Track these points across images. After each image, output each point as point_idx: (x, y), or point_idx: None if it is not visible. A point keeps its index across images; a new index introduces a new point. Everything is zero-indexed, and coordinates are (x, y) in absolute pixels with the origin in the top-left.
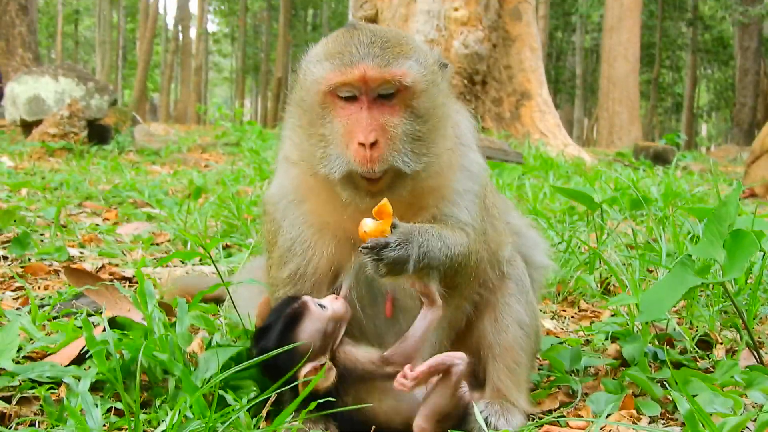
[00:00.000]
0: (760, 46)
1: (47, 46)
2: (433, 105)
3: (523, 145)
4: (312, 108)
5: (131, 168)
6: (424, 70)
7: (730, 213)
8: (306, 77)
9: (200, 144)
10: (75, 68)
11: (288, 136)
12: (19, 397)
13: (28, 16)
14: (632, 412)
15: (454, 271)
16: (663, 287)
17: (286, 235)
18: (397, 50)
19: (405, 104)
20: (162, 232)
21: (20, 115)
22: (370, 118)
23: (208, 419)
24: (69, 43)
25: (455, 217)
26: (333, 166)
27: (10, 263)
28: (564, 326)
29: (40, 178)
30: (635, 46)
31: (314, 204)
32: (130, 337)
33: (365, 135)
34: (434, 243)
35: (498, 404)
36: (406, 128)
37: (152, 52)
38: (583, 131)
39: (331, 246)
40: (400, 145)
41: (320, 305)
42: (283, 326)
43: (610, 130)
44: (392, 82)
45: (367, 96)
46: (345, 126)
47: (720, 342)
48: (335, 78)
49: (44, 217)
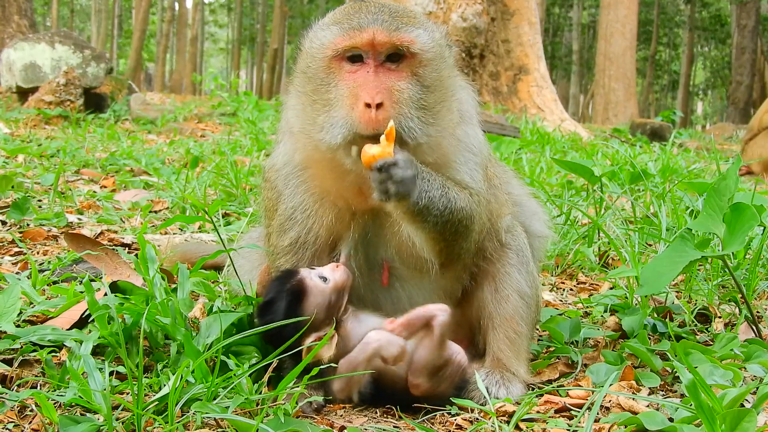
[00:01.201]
0: (758, 24)
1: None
2: (439, 77)
3: (520, 120)
4: (317, 74)
5: (127, 136)
6: (431, 41)
7: (730, 187)
8: (312, 43)
9: (196, 114)
10: (71, 36)
11: (291, 106)
12: (21, 360)
13: None
14: (632, 383)
15: (455, 229)
16: (663, 261)
17: (287, 203)
18: (406, 19)
19: (411, 71)
20: (160, 200)
21: (16, 82)
22: (377, 81)
23: (210, 384)
24: (65, 11)
25: (458, 179)
26: (336, 131)
27: (8, 228)
28: (563, 298)
29: (36, 145)
30: (633, 22)
31: (316, 173)
32: (132, 302)
33: (371, 96)
34: (435, 186)
35: (498, 374)
36: (413, 95)
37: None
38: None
39: (331, 215)
40: (407, 109)
41: (322, 277)
42: (288, 302)
43: (605, 107)
44: (400, 46)
45: (375, 60)
46: (351, 89)
47: (719, 316)
48: (343, 42)
49: (42, 184)
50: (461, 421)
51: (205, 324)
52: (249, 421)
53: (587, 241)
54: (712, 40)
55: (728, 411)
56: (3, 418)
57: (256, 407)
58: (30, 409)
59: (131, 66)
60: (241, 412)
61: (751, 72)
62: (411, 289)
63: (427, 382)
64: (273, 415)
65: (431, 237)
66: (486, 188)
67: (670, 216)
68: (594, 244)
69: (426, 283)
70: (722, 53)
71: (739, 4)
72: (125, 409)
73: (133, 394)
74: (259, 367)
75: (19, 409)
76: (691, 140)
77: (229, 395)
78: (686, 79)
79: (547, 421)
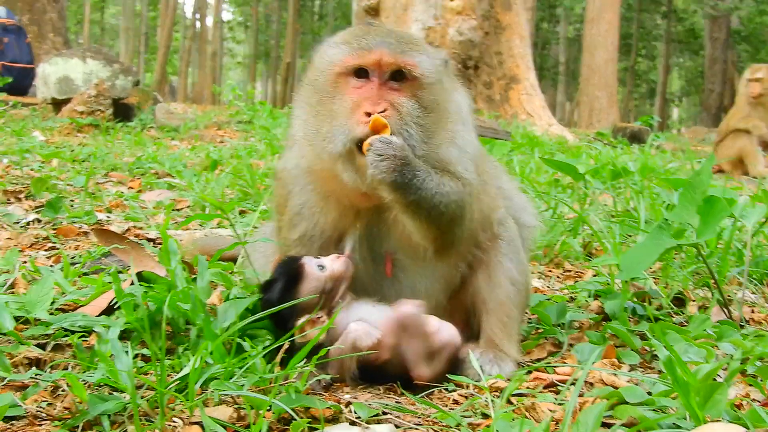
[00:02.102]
0: (728, 37)
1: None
2: (436, 100)
3: (511, 125)
4: (324, 87)
5: (153, 143)
6: (432, 67)
7: (704, 182)
8: (322, 59)
9: (216, 122)
10: (102, 51)
11: (297, 116)
12: (53, 345)
13: (58, 3)
14: (614, 360)
15: (449, 218)
16: (642, 249)
17: (295, 200)
18: (411, 45)
19: (412, 93)
20: (182, 199)
21: (51, 94)
22: (380, 94)
23: (227, 364)
24: (96, 30)
25: (450, 171)
26: (338, 140)
27: (43, 226)
28: (550, 285)
29: (69, 151)
30: (614, 36)
31: (320, 176)
32: (156, 290)
33: (373, 106)
34: (429, 176)
35: (491, 353)
36: (412, 111)
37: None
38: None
39: (336, 212)
40: (407, 120)
41: (320, 265)
42: (284, 284)
43: (590, 113)
44: (405, 69)
45: (379, 78)
46: (354, 100)
47: (693, 300)
48: (352, 60)
49: (74, 185)
50: (457, 396)
51: (221, 309)
52: (263, 397)
53: (573, 233)
54: (686, 52)
55: (702, 384)
56: (37, 398)
57: (269, 385)
58: (62, 389)
59: (156, 79)
60: (256, 390)
61: (723, 80)
62: (413, 278)
63: (428, 370)
64: (285, 392)
65: (426, 225)
66: (478, 182)
67: (648, 210)
68: (579, 236)
69: (426, 272)
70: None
71: (712, 19)
72: (149, 388)
73: (156, 375)
74: (271, 348)
75: (52, 389)
76: (667, 142)
77: (245, 374)
78: (663, 88)
79: (536, 396)
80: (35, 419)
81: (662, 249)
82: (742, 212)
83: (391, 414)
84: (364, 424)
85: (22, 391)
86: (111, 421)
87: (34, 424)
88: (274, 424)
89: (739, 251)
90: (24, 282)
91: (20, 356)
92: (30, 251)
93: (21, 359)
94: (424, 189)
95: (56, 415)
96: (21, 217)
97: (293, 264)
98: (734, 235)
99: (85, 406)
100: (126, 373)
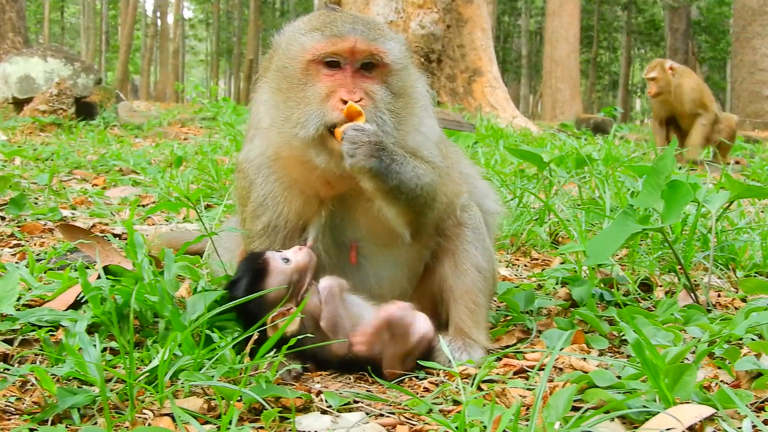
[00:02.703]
0: (688, 28)
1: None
2: (404, 85)
3: (475, 118)
4: (294, 74)
5: (116, 141)
6: (400, 54)
7: (667, 166)
8: (290, 46)
9: (179, 119)
10: (62, 50)
11: (262, 101)
12: (20, 340)
13: (17, 3)
14: (583, 346)
15: (424, 200)
16: (607, 234)
17: (258, 191)
18: (380, 31)
19: (382, 80)
20: (147, 195)
21: (12, 94)
22: (354, 82)
23: (196, 355)
24: (56, 29)
25: (420, 155)
26: (310, 124)
27: (7, 223)
28: (518, 273)
29: (32, 150)
30: (575, 28)
31: (284, 165)
32: (123, 284)
33: (350, 93)
34: (404, 162)
35: (460, 341)
36: (384, 98)
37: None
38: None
39: (299, 201)
40: (381, 107)
41: (284, 258)
42: (250, 280)
43: (553, 106)
44: (377, 56)
45: (351, 66)
46: (328, 87)
47: (660, 285)
48: (325, 48)
49: (38, 183)
50: (428, 384)
51: (190, 302)
52: (233, 386)
53: (539, 222)
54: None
55: (671, 366)
56: (6, 393)
57: (239, 375)
58: (31, 383)
59: (119, 78)
60: (226, 380)
61: None
62: (377, 266)
63: (403, 366)
64: (255, 382)
65: (404, 209)
66: (443, 165)
67: (613, 198)
68: (545, 225)
69: (390, 259)
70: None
71: (671, 10)
72: (118, 381)
73: (125, 367)
74: (240, 339)
75: (20, 384)
76: (630, 133)
77: (214, 366)
78: (625, 79)
79: (506, 382)
80: (3, 414)
81: (628, 234)
82: (706, 197)
83: (362, 402)
84: (336, 413)
85: None
86: (81, 415)
87: (2, 419)
88: (245, 414)
89: (704, 236)
90: None
91: None
92: None
93: None
94: (403, 173)
95: (25, 409)
96: None
97: (257, 259)
98: (698, 222)
99: (55, 399)
100: (95, 366)
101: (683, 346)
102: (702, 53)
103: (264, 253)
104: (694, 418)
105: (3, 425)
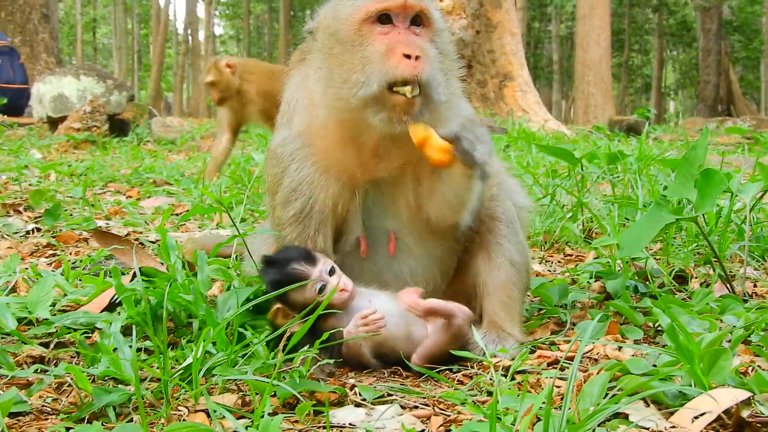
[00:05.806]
0: (720, 28)
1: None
2: (447, 49)
3: (507, 122)
4: (347, 36)
5: (150, 155)
6: (439, 15)
7: (700, 156)
8: (339, 10)
9: (212, 133)
10: (95, 68)
11: (314, 71)
12: (56, 343)
13: (50, 24)
14: (617, 336)
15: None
16: (641, 225)
17: (293, 175)
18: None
19: (430, 38)
20: (181, 204)
21: (46, 113)
22: (410, 38)
23: (229, 352)
24: (88, 50)
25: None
26: (373, 81)
27: (42, 234)
28: (551, 269)
29: (67, 166)
30: (606, 32)
31: (323, 146)
32: (156, 285)
33: (410, 48)
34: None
35: (495, 334)
36: (436, 55)
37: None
38: (561, 113)
39: (336, 186)
40: (435, 65)
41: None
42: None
43: (585, 110)
44: (426, 12)
45: (403, 22)
46: (386, 45)
47: (695, 277)
48: (376, 5)
49: (73, 197)
50: (461, 377)
51: (222, 299)
52: (267, 380)
53: (572, 218)
54: (679, 45)
55: (706, 350)
56: (42, 394)
57: (272, 371)
58: (67, 384)
59: (151, 95)
60: (259, 375)
61: (717, 71)
62: (413, 260)
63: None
64: (289, 377)
65: (475, 194)
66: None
67: (646, 195)
68: (578, 221)
69: (426, 253)
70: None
71: (703, 10)
72: (153, 380)
73: (160, 365)
74: (273, 336)
75: (56, 385)
76: (664, 134)
77: (247, 362)
78: (658, 82)
79: (540, 373)
80: (41, 414)
81: (662, 224)
82: (740, 188)
83: (396, 395)
84: (370, 406)
85: (27, 388)
86: (116, 413)
87: (39, 419)
88: (279, 409)
89: (739, 227)
90: (25, 286)
91: (23, 355)
92: (31, 258)
93: (24, 358)
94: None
95: (62, 409)
96: (20, 227)
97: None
98: (732, 212)
99: (90, 398)
100: (129, 364)
101: (719, 332)
102: (735, 53)
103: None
104: (731, 401)
105: (40, 425)
